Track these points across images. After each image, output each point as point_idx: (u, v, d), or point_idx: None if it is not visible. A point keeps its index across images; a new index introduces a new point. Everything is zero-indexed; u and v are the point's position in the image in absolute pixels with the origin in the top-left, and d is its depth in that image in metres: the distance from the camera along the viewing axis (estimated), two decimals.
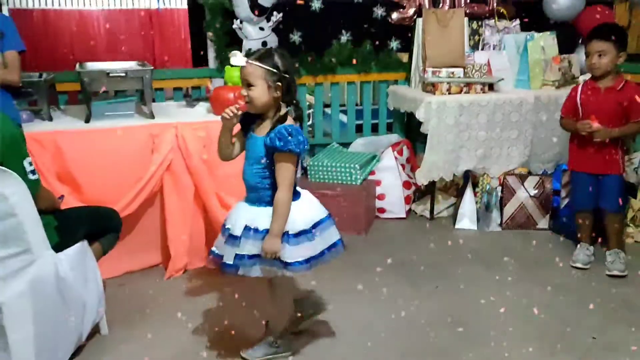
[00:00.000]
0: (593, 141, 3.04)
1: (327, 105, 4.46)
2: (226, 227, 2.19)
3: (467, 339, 2.48)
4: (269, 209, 2.09)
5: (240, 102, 2.10)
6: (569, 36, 4.21)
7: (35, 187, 2.07)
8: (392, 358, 2.34)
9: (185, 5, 4.41)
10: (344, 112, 4.41)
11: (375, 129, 4.42)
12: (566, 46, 4.11)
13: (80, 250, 2.29)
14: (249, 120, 2.17)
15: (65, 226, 2.25)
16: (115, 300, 2.75)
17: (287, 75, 2.06)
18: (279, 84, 2.04)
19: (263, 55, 2.06)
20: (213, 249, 2.23)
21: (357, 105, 4.53)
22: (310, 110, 4.46)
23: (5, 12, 3.64)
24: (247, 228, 2.09)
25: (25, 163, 2.04)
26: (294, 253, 2.09)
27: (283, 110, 2.10)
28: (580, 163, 3.18)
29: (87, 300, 2.32)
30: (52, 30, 4.39)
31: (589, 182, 3.15)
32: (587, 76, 3.98)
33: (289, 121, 2.08)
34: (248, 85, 2.05)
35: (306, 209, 2.16)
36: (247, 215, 2.13)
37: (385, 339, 2.48)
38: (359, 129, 4.40)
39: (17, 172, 1.98)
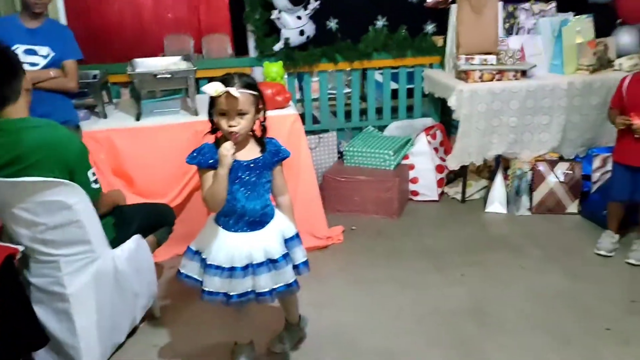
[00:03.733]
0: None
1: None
2: (204, 257, 2.16)
3: (488, 327, 2.66)
4: (276, 222, 2.19)
5: (233, 134, 2.03)
6: (607, 18, 4.17)
7: (96, 195, 2.33)
8: (416, 347, 2.55)
9: None
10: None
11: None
12: (603, 29, 4.09)
13: (135, 244, 2.56)
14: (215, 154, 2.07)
15: (121, 223, 2.53)
16: (167, 283, 3.05)
17: (262, 95, 2.10)
18: (261, 107, 2.09)
19: (245, 79, 2.04)
20: (185, 272, 2.21)
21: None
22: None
23: None
24: (264, 264, 2.11)
25: (89, 174, 2.29)
26: (301, 254, 2.26)
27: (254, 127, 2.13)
28: (624, 155, 3.18)
29: (141, 287, 2.61)
30: None
31: (628, 175, 3.17)
32: (625, 60, 4.01)
33: (259, 134, 2.16)
34: (240, 114, 2.01)
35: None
36: (254, 245, 2.12)
37: (411, 327, 2.69)
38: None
39: (84, 181, 2.25)
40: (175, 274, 2.28)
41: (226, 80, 2.00)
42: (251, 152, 2.13)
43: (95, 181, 2.32)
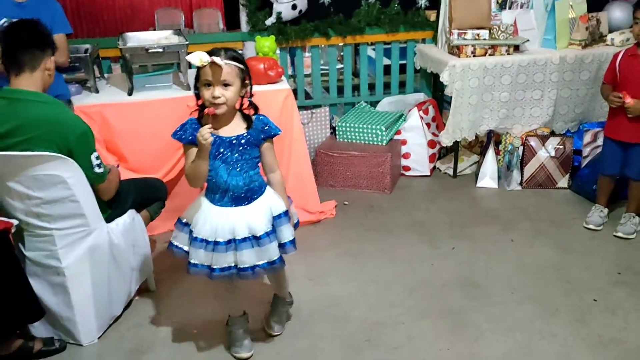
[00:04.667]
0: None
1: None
2: (191, 229, 2.18)
3: (477, 299, 2.71)
4: (264, 199, 2.18)
5: (213, 107, 2.02)
6: None
7: (99, 180, 2.33)
8: (406, 318, 2.60)
9: None
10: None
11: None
12: (596, 3, 4.09)
13: (129, 219, 2.58)
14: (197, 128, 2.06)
15: (116, 198, 2.54)
16: (161, 257, 3.08)
17: (249, 71, 2.09)
18: (247, 81, 2.09)
19: (231, 52, 2.04)
20: (176, 243, 2.23)
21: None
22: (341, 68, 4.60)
23: None
24: (247, 239, 2.12)
25: (93, 157, 2.28)
26: (288, 233, 2.24)
27: (241, 104, 2.13)
28: (615, 130, 3.20)
29: (135, 261, 2.64)
30: None
31: (619, 150, 3.19)
32: (617, 35, 4.02)
33: (248, 111, 2.15)
34: (225, 85, 2.01)
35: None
36: (238, 220, 2.13)
37: (401, 298, 2.74)
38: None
39: (85, 164, 2.25)
40: (167, 246, 2.30)
41: (212, 52, 2.02)
42: (236, 128, 2.12)
43: (99, 165, 2.32)
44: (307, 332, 2.51)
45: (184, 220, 2.25)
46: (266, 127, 2.16)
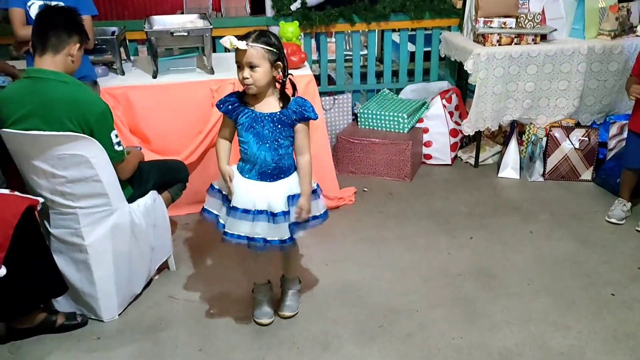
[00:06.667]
0: None
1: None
2: (224, 194, 2.32)
3: (493, 289, 2.71)
4: (288, 180, 2.27)
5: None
6: None
7: (118, 158, 2.39)
8: (420, 306, 2.61)
9: None
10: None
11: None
12: None
13: (151, 199, 2.63)
14: (236, 102, 2.23)
15: (138, 180, 2.59)
16: (182, 237, 3.14)
17: (283, 54, 2.17)
18: (279, 63, 2.15)
19: (260, 35, 2.12)
20: (210, 210, 2.35)
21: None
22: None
23: None
24: (264, 212, 2.23)
25: (112, 135, 2.34)
26: (319, 206, 2.36)
27: (282, 82, 2.21)
28: (638, 124, 3.16)
29: (156, 241, 2.70)
30: None
31: None
32: None
33: (289, 92, 2.24)
34: (251, 67, 2.10)
35: None
36: (260, 193, 2.23)
37: (417, 286, 2.75)
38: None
39: (105, 142, 2.30)
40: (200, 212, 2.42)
41: (244, 35, 2.12)
42: (270, 105, 2.21)
43: (119, 143, 2.37)
44: (321, 316, 2.55)
45: (217, 186, 2.36)
46: (300, 110, 2.21)
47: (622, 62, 3.80)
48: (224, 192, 2.33)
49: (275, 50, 2.13)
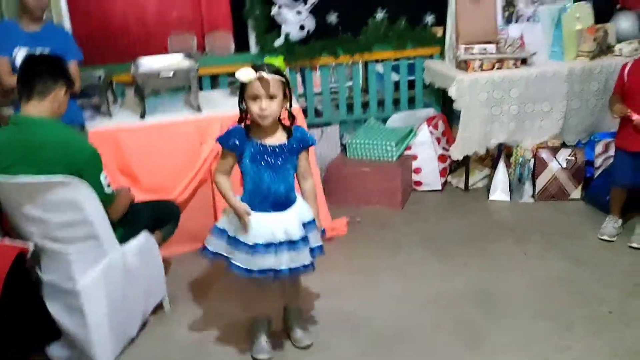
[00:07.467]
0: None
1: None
2: (230, 234, 2.30)
3: (492, 313, 2.70)
4: (297, 206, 2.32)
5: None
6: (606, 4, 4.18)
7: (110, 200, 2.39)
8: (421, 331, 2.60)
9: None
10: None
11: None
12: (603, 14, 4.09)
13: (143, 240, 2.61)
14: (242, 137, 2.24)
15: (129, 220, 2.58)
16: (176, 277, 3.11)
17: (290, 84, 2.24)
18: (287, 93, 2.22)
19: (271, 66, 2.19)
20: (211, 248, 2.33)
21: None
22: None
23: None
24: (283, 243, 2.24)
25: (102, 177, 2.34)
26: (316, 239, 2.38)
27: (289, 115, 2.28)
28: (626, 141, 3.19)
29: (150, 282, 2.67)
30: None
31: (631, 160, 3.18)
32: (626, 45, 4.02)
33: (286, 122, 2.28)
34: (271, 97, 2.14)
35: None
36: (277, 224, 2.25)
37: (415, 313, 2.74)
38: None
39: (95, 185, 2.30)
40: (201, 250, 2.40)
41: (255, 67, 2.15)
42: (279, 137, 2.26)
43: (108, 185, 2.37)
44: (324, 347, 2.52)
45: (220, 227, 2.34)
46: (304, 137, 2.29)
47: (602, 81, 3.87)
48: (229, 233, 2.31)
49: (285, 80, 2.20)
